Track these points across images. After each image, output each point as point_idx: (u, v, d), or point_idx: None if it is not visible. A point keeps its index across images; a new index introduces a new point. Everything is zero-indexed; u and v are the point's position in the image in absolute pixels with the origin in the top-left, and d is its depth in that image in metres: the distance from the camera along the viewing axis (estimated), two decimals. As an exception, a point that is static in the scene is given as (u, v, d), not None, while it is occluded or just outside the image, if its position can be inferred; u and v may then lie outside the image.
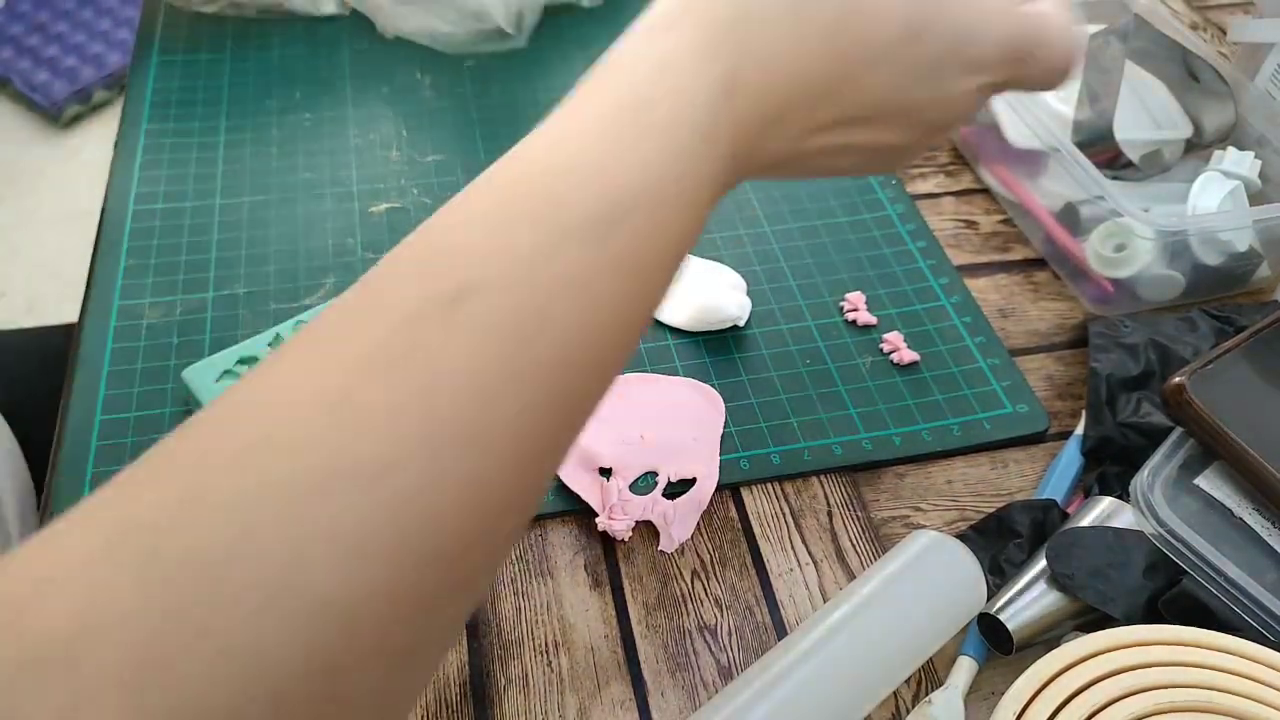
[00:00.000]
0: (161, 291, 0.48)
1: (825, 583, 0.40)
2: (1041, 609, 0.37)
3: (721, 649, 0.38)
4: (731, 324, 0.48)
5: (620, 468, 0.42)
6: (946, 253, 0.53)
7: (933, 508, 0.42)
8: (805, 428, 0.44)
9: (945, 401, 0.46)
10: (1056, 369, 0.48)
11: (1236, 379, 0.42)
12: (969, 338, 0.49)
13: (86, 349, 0.45)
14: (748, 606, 0.39)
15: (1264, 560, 0.38)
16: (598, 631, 0.38)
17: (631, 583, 0.39)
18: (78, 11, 1.94)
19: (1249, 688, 0.33)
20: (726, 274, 0.50)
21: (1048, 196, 0.54)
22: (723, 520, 0.41)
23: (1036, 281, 0.53)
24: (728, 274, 0.50)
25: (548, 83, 0.62)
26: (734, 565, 0.40)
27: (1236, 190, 0.50)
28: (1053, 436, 0.45)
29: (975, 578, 0.37)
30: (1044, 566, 0.37)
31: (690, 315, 0.48)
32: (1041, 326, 0.50)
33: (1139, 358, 0.45)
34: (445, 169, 0.56)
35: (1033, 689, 0.32)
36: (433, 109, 0.59)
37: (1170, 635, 0.34)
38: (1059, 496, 0.42)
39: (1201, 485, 0.40)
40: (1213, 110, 0.56)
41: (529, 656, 0.37)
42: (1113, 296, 0.50)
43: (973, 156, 0.59)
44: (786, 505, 0.42)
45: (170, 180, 0.54)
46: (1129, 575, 0.37)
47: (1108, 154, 0.53)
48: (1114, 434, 0.43)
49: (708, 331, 0.48)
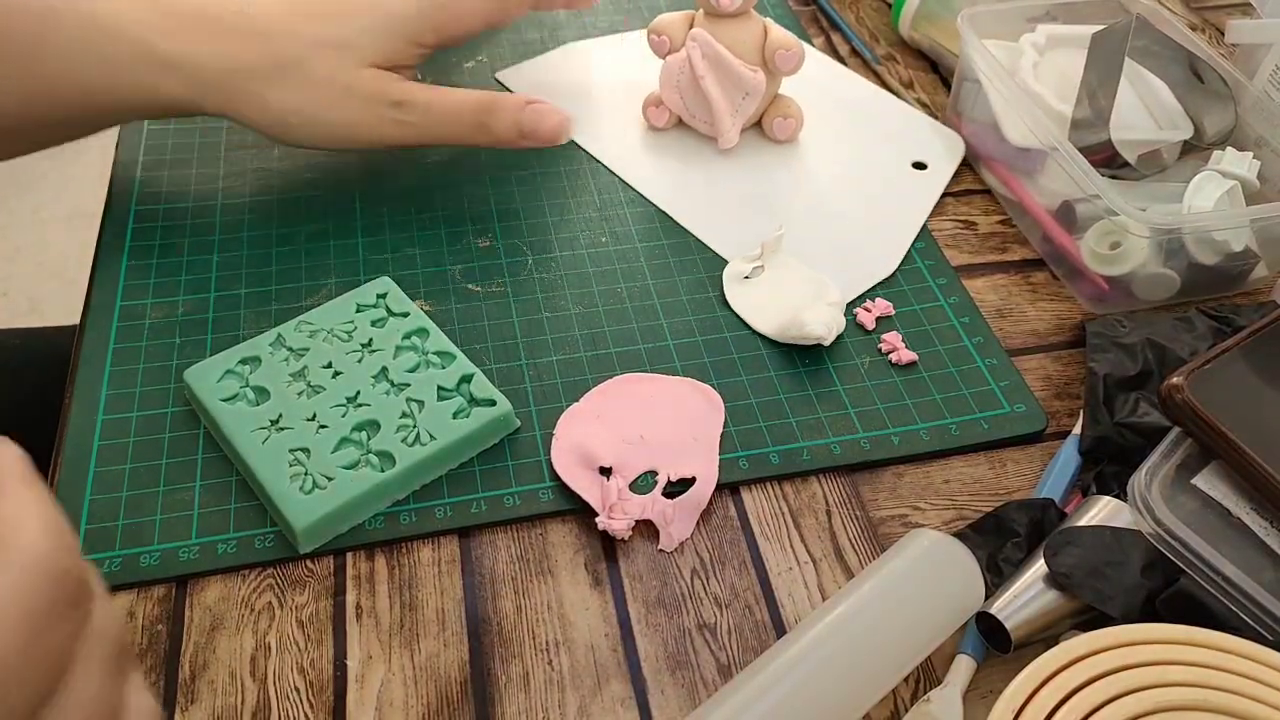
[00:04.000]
0: (163, 292, 0.48)
1: (824, 581, 0.40)
2: (1039, 608, 0.37)
3: (721, 647, 0.38)
4: (816, 342, 0.46)
5: (620, 467, 0.42)
6: (945, 253, 0.53)
7: (931, 507, 0.43)
8: (804, 427, 0.44)
9: (943, 401, 0.46)
10: (1054, 369, 0.49)
11: (1234, 379, 0.42)
12: (967, 338, 0.49)
13: (88, 349, 0.45)
14: (747, 605, 0.39)
15: (1261, 559, 0.38)
16: (598, 630, 0.38)
17: (631, 582, 0.39)
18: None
19: (1247, 687, 0.33)
20: (828, 288, 0.49)
21: (1045, 195, 0.54)
22: (722, 519, 0.42)
23: (1034, 282, 0.53)
24: (829, 288, 0.48)
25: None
26: (733, 564, 0.40)
27: (1233, 190, 0.50)
28: (1050, 436, 0.46)
29: (973, 576, 0.37)
30: (1042, 565, 0.37)
31: (778, 325, 0.47)
32: (1039, 327, 0.51)
33: (1136, 358, 0.45)
34: (445, 170, 0.56)
35: (1031, 687, 0.32)
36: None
37: (1168, 634, 0.34)
38: (1057, 496, 0.42)
39: (1199, 485, 0.40)
40: (1214, 111, 0.56)
41: (529, 655, 0.37)
42: (1108, 295, 0.50)
43: (973, 156, 0.59)
44: (785, 504, 0.42)
45: (172, 181, 0.54)
46: (1127, 574, 0.37)
47: (1106, 153, 0.53)
48: (1112, 434, 0.43)
49: (792, 345, 0.47)
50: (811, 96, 0.59)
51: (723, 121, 0.55)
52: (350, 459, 0.40)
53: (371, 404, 0.42)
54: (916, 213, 0.55)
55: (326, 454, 0.40)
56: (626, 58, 0.63)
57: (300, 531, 0.38)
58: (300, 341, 0.44)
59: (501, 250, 0.52)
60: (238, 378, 0.43)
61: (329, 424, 0.41)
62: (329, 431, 0.41)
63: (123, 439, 0.42)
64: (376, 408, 0.42)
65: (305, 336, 0.44)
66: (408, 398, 0.42)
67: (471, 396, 0.43)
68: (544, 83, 0.62)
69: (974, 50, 0.56)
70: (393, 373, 0.43)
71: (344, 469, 0.40)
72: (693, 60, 0.54)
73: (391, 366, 0.43)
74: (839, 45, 0.68)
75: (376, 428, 0.41)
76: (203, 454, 0.42)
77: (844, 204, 0.55)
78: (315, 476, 0.39)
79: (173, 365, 0.45)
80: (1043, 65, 0.58)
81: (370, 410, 0.42)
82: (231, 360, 0.43)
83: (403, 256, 0.50)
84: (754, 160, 0.58)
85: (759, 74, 0.54)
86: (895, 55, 0.68)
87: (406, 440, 0.41)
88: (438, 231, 0.52)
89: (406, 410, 0.42)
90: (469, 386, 0.43)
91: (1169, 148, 0.55)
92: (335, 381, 0.43)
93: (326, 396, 0.42)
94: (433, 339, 0.45)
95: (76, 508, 0.39)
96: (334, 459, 0.40)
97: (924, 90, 0.65)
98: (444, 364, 0.44)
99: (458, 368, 0.44)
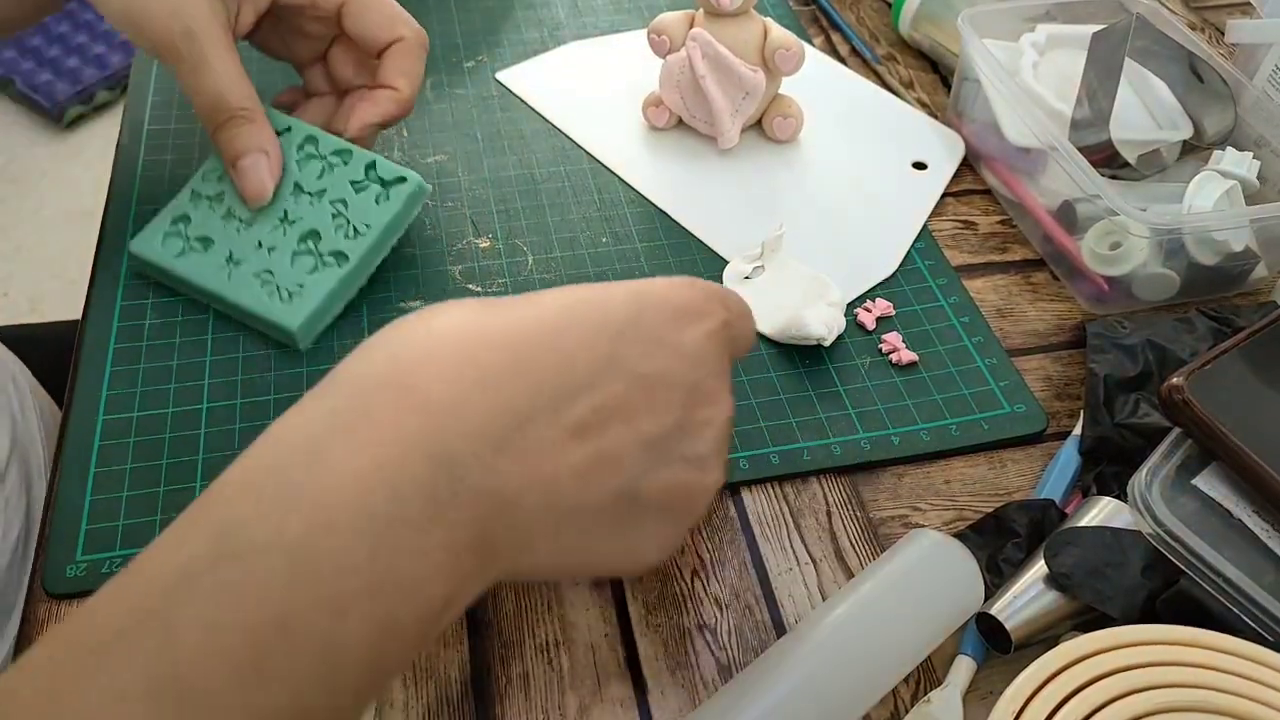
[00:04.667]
0: (163, 292, 0.48)
1: (824, 582, 0.40)
2: (1040, 608, 0.37)
3: (721, 648, 0.38)
4: (816, 342, 0.46)
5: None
6: (945, 253, 0.53)
7: (931, 507, 0.43)
8: (804, 428, 0.44)
9: (943, 402, 0.46)
10: (1055, 369, 0.49)
11: (1234, 380, 0.42)
12: (967, 338, 0.49)
13: (89, 348, 0.45)
14: (747, 606, 0.39)
15: (1262, 561, 0.38)
16: (598, 630, 0.38)
17: (631, 582, 0.39)
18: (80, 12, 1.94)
19: (1247, 688, 0.33)
20: (828, 288, 0.48)
21: (1046, 195, 0.54)
22: (722, 520, 0.42)
23: (1035, 282, 0.53)
24: (830, 288, 0.48)
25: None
26: (733, 565, 0.40)
27: (1233, 190, 0.50)
28: (1051, 436, 0.46)
29: (973, 577, 0.37)
30: (1042, 566, 0.37)
31: (778, 325, 0.47)
32: (1040, 327, 0.51)
33: (1137, 358, 0.45)
34: (446, 170, 0.56)
35: (1031, 688, 0.32)
36: (434, 110, 0.60)
37: (1168, 635, 0.34)
38: (1057, 496, 0.42)
39: (1199, 486, 0.40)
40: (1214, 111, 0.56)
41: (530, 655, 0.37)
42: (1108, 295, 0.50)
43: (973, 156, 0.59)
44: (786, 505, 0.42)
45: (173, 181, 0.54)
46: (1127, 575, 0.37)
47: (1106, 153, 0.53)
48: (1112, 434, 0.43)
49: (792, 345, 0.47)
50: (812, 96, 0.59)
51: (723, 121, 0.55)
52: (309, 265, 0.46)
53: (303, 217, 0.46)
54: (917, 213, 0.55)
55: (288, 268, 0.45)
56: (626, 58, 0.63)
57: (296, 331, 0.44)
58: (213, 189, 0.47)
59: (501, 250, 0.52)
60: (179, 236, 0.47)
61: (276, 245, 0.46)
62: (279, 252, 0.46)
63: (123, 439, 0.42)
64: (309, 219, 0.46)
65: (215, 182, 0.47)
66: (330, 200, 0.47)
67: (382, 180, 0.47)
68: (544, 83, 0.62)
69: (974, 50, 0.56)
70: (305, 184, 0.47)
71: (309, 274, 0.45)
72: (693, 60, 0.54)
73: (301, 179, 0.47)
74: (839, 45, 0.68)
75: (318, 236, 0.46)
76: (203, 454, 0.42)
77: (844, 204, 0.55)
78: (288, 288, 0.45)
79: (173, 365, 0.45)
80: (1043, 65, 0.58)
81: (305, 222, 0.46)
82: (164, 224, 0.47)
83: (402, 256, 0.50)
84: (754, 160, 0.58)
85: (759, 74, 0.54)
86: (895, 55, 0.68)
87: (347, 235, 0.46)
88: (439, 232, 0.52)
89: (335, 212, 0.46)
90: (376, 172, 0.47)
91: (1169, 148, 0.55)
92: (262, 211, 0.47)
93: (262, 224, 0.46)
94: (323, 142, 0.48)
95: (77, 508, 0.39)
96: (296, 270, 0.45)
97: (924, 90, 0.65)
98: (345, 160, 0.47)
99: (359, 159, 0.47)
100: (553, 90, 0.62)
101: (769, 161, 0.58)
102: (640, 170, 0.57)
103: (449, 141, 0.57)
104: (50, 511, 0.40)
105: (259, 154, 0.46)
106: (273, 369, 0.45)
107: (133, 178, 0.54)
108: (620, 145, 0.58)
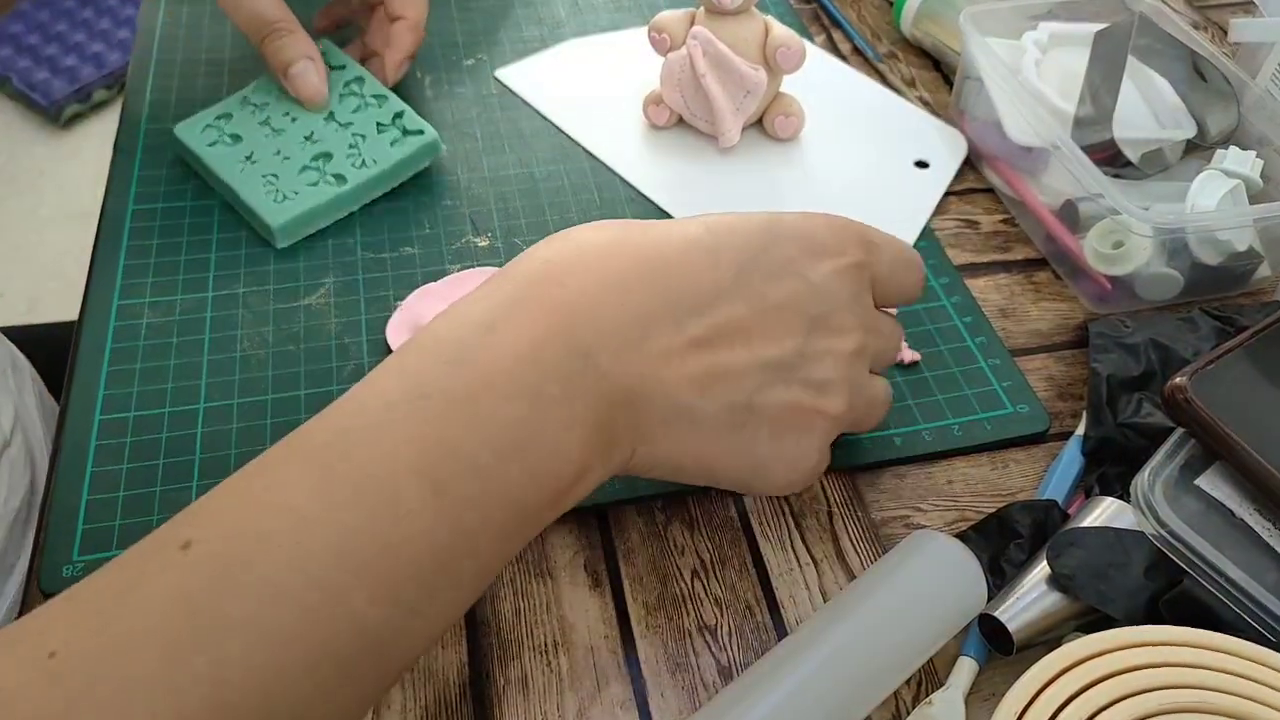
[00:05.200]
0: (161, 291, 0.48)
1: (825, 583, 0.40)
2: (1042, 610, 0.37)
3: (721, 649, 0.38)
4: None
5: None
6: (947, 252, 0.53)
7: (933, 508, 0.42)
8: (805, 428, 0.44)
9: (946, 401, 0.46)
10: (1057, 369, 0.48)
11: (1238, 379, 0.42)
12: (970, 338, 0.49)
13: (85, 349, 0.45)
14: (748, 606, 0.39)
15: (1265, 561, 0.37)
16: (597, 632, 0.38)
17: (631, 583, 0.39)
18: (77, 10, 1.94)
19: (1250, 689, 0.33)
20: None
21: (1048, 194, 0.54)
22: (723, 520, 0.41)
23: (1037, 281, 0.53)
24: None
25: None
26: (734, 565, 0.40)
27: (1236, 189, 0.50)
28: (1053, 437, 0.45)
29: (976, 578, 0.37)
30: (1044, 567, 0.37)
31: None
32: (1042, 327, 0.50)
33: (1140, 358, 0.45)
34: (444, 169, 0.55)
35: (1033, 690, 0.32)
36: (433, 108, 0.59)
37: (1171, 636, 0.34)
38: (1060, 497, 0.42)
39: (1202, 486, 0.40)
40: (1217, 110, 0.56)
41: (528, 657, 0.37)
42: (1111, 294, 0.50)
43: (975, 155, 0.59)
44: (786, 505, 0.42)
45: (170, 180, 0.54)
46: (1130, 576, 0.37)
47: (1109, 152, 0.53)
48: (1115, 434, 0.43)
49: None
50: (813, 95, 0.59)
51: (724, 120, 0.55)
52: (311, 179, 0.51)
53: (324, 140, 0.52)
54: (919, 211, 0.55)
55: (293, 176, 0.51)
56: (627, 56, 0.63)
57: (276, 229, 0.49)
58: (260, 99, 0.54)
59: (502, 250, 0.51)
60: (216, 130, 0.53)
61: (291, 156, 0.51)
62: (292, 162, 0.51)
63: (120, 439, 0.42)
64: (328, 142, 0.52)
65: (264, 94, 0.54)
66: (353, 132, 0.53)
67: (404, 129, 0.53)
68: (544, 81, 0.62)
69: (976, 48, 0.55)
70: (339, 114, 0.53)
71: (308, 186, 0.50)
72: (694, 58, 0.54)
73: (338, 109, 0.53)
74: (840, 43, 0.68)
75: (330, 157, 0.52)
76: (200, 454, 0.41)
77: (846, 202, 0.55)
78: (285, 191, 0.50)
79: (170, 365, 0.45)
80: (1045, 63, 0.58)
81: (323, 145, 0.52)
82: (209, 117, 0.53)
83: (402, 256, 0.50)
84: (755, 159, 0.57)
85: (760, 72, 0.54)
86: (897, 53, 0.68)
87: (354, 164, 0.51)
88: (438, 231, 0.52)
89: (353, 142, 0.52)
90: (401, 121, 0.53)
91: (1172, 147, 0.55)
92: (294, 125, 0.53)
93: (289, 137, 0.52)
94: (368, 85, 0.54)
95: (74, 508, 0.39)
96: (299, 180, 0.51)
97: (926, 88, 0.65)
98: (379, 105, 0.54)
99: (391, 106, 0.54)
100: (552, 88, 0.61)
101: (770, 160, 0.57)
102: (641, 169, 0.56)
103: (448, 139, 0.57)
104: (47, 512, 0.39)
105: (305, 60, 0.52)
106: (270, 369, 0.45)
107: (130, 177, 0.54)
108: (620, 144, 0.58)
